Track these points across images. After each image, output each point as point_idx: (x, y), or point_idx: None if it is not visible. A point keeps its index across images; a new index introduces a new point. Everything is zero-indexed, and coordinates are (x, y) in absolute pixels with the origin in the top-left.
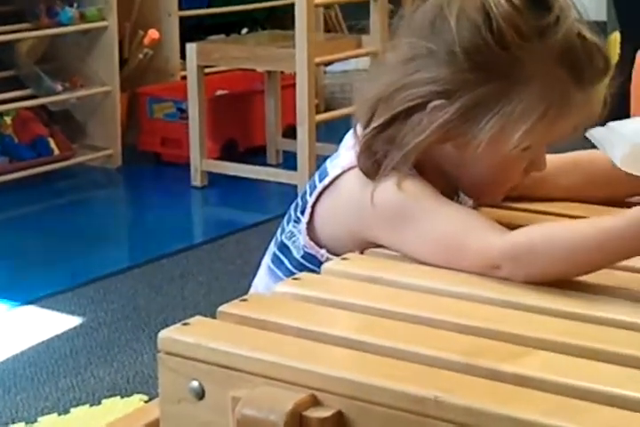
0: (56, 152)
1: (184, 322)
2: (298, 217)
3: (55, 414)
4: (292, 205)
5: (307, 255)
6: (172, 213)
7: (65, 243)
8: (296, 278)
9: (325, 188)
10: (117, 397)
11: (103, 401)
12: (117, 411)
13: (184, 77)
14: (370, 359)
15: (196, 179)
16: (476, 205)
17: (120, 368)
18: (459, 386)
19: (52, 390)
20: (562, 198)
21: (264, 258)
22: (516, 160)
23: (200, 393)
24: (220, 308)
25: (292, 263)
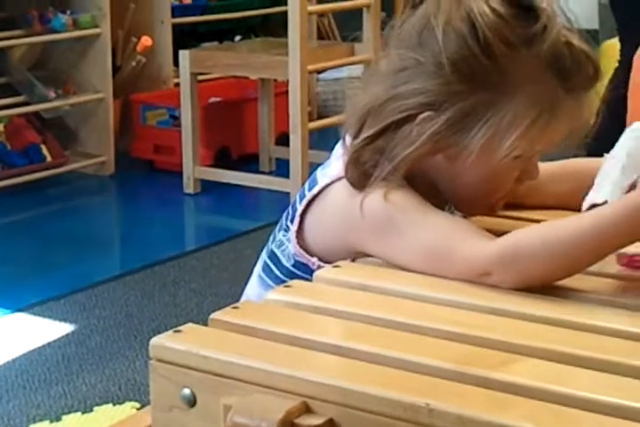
0: (49, 159)
1: (176, 329)
2: (287, 226)
3: (47, 422)
4: (284, 214)
5: (298, 264)
6: (165, 221)
7: (57, 250)
8: (288, 286)
9: (314, 197)
10: (109, 404)
11: (95, 408)
12: (109, 418)
13: (177, 84)
14: (361, 367)
15: (189, 186)
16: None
17: (112, 376)
18: (450, 393)
19: (44, 398)
20: (553, 206)
21: (256, 267)
22: (508, 169)
23: (192, 401)
24: (212, 315)
25: (283, 272)
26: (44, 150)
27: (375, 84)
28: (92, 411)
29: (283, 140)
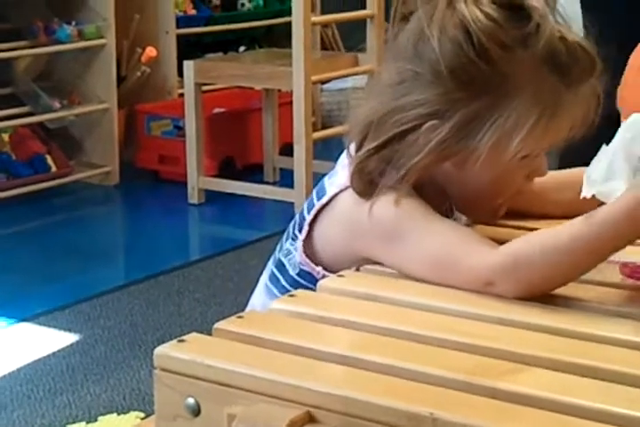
0: (53, 169)
1: (180, 339)
2: (295, 234)
3: None
4: (291, 223)
5: (302, 273)
6: (170, 231)
7: (62, 260)
8: (292, 295)
9: (323, 206)
10: (114, 414)
11: (100, 418)
12: None
13: (181, 95)
14: (366, 376)
15: (194, 196)
16: (471, 222)
17: (117, 385)
18: (455, 403)
19: (49, 408)
20: (560, 215)
21: (261, 276)
22: (516, 169)
23: (196, 410)
24: (216, 325)
25: (288, 281)
26: (48, 160)
27: (376, 97)
28: (96, 421)
29: (287, 151)
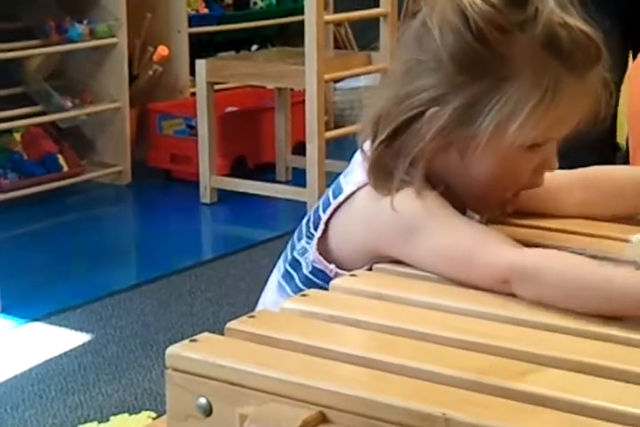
0: (65, 169)
1: (192, 338)
2: (311, 233)
3: None
4: (304, 222)
5: (315, 270)
6: (182, 230)
7: (74, 259)
8: (304, 295)
9: (340, 204)
10: (126, 414)
11: (111, 418)
12: None
13: (193, 94)
14: (378, 376)
15: (206, 195)
16: (486, 220)
17: (128, 385)
18: (468, 404)
19: (61, 407)
20: (575, 215)
21: (271, 276)
22: (522, 161)
23: (208, 410)
24: (229, 324)
25: (301, 279)
26: (60, 160)
27: (385, 90)
28: (108, 420)
29: (299, 150)
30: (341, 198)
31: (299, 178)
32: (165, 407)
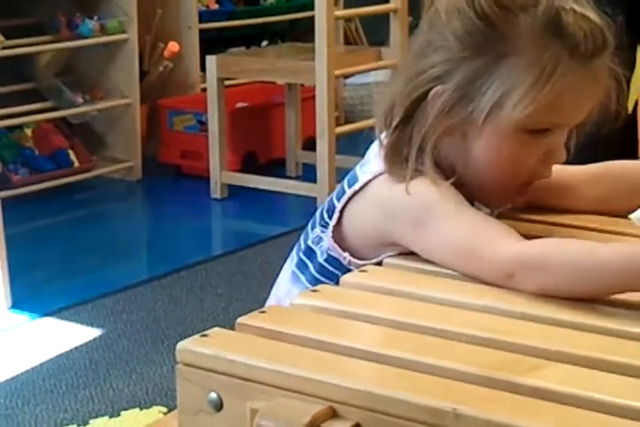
0: (76, 164)
1: (203, 334)
2: (326, 222)
3: (75, 426)
4: (318, 211)
5: (330, 258)
6: (192, 226)
7: (85, 254)
8: (315, 290)
9: (355, 193)
10: (136, 408)
11: (122, 413)
12: (136, 423)
13: (204, 90)
14: (388, 371)
15: (216, 191)
16: (496, 214)
17: (139, 380)
18: (477, 399)
19: (72, 402)
20: (589, 210)
21: (283, 268)
22: (527, 147)
23: (218, 405)
24: (239, 319)
25: (316, 268)
26: (71, 155)
27: (397, 80)
28: (119, 415)
29: (310, 145)
30: (357, 187)
31: (309, 173)
32: (176, 402)
